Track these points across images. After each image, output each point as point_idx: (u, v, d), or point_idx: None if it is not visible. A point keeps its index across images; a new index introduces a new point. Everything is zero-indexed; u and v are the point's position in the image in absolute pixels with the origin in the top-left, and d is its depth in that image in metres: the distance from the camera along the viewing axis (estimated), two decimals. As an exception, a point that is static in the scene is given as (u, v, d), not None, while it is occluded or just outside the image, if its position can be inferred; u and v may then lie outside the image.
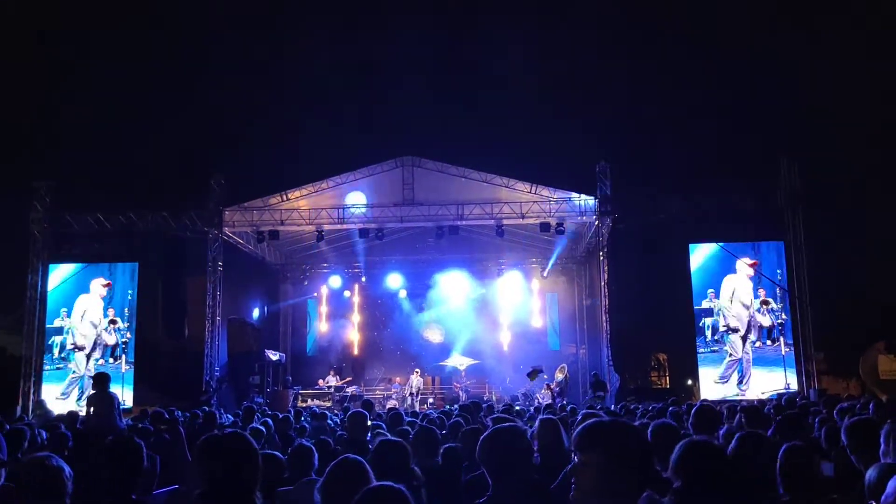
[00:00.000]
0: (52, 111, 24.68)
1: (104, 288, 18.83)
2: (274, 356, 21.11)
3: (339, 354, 24.04)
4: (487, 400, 18.01)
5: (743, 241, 18.45)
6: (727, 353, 17.90)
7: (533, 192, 18.78)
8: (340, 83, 28.95)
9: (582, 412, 6.20)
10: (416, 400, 20.10)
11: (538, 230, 19.22)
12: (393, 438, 4.46)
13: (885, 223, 21.18)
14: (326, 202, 19.19)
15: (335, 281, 24.16)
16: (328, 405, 18.52)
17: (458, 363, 22.70)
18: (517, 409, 11.97)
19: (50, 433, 7.65)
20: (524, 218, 18.74)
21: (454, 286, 23.66)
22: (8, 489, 3.50)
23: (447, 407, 15.33)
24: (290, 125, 26.73)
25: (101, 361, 18.44)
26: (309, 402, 19.22)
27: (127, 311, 18.90)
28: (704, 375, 18.02)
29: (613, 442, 2.24)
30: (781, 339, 17.76)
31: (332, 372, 21.87)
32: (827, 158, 21.71)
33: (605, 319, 18.45)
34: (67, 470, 2.95)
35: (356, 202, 19.10)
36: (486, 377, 22.72)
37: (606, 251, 18.57)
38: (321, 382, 21.56)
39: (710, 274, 18.38)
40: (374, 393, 21.18)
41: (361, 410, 6.77)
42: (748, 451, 3.72)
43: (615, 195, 18.40)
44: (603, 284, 18.59)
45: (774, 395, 16.79)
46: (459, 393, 20.63)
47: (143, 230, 18.86)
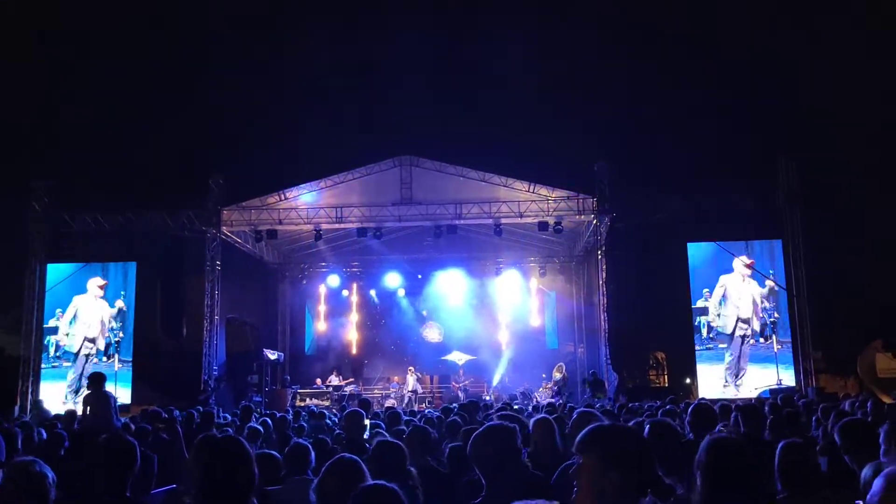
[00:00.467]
0: (50, 111, 24.64)
1: (100, 289, 18.82)
2: (272, 355, 21.10)
3: (337, 354, 24.03)
4: (486, 399, 18.04)
5: (741, 240, 18.49)
6: (725, 351, 17.94)
7: (531, 191, 18.78)
8: (339, 83, 28.89)
9: (578, 410, 6.20)
10: (413, 399, 20.12)
11: (536, 229, 19.24)
12: (390, 439, 4.45)
13: (883, 222, 21.17)
14: (325, 201, 19.19)
15: (333, 280, 24.16)
16: (326, 404, 18.53)
17: (456, 359, 22.73)
18: (516, 407, 11.97)
19: (48, 433, 7.66)
20: (522, 217, 18.75)
21: (452, 285, 23.68)
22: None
23: (449, 405, 15.32)
24: (288, 125, 26.69)
25: (94, 360, 18.42)
26: (307, 401, 19.21)
27: (118, 307, 18.89)
28: (702, 374, 18.06)
29: (612, 444, 2.25)
30: (774, 336, 17.84)
31: (334, 372, 21.87)
32: (825, 158, 21.70)
33: (603, 318, 18.47)
34: (51, 476, 2.90)
35: (354, 202, 19.10)
36: (484, 376, 22.75)
37: (605, 250, 18.59)
38: (319, 382, 21.57)
39: (706, 273, 18.41)
40: (372, 392, 21.19)
41: (358, 410, 6.76)
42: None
43: (613, 194, 18.40)
44: (601, 283, 18.60)
45: (766, 391, 16.91)
46: (458, 392, 20.64)
47: (141, 230, 18.87)
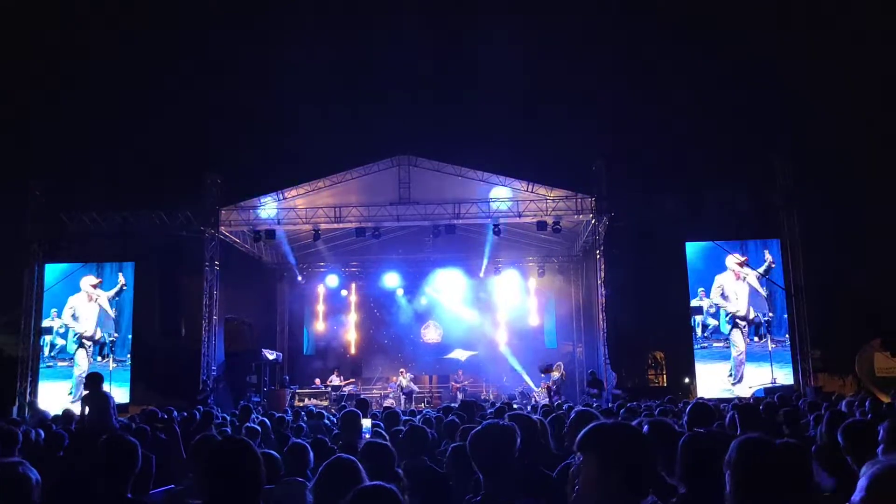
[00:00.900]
0: (47, 110, 24.63)
1: (93, 288, 18.79)
2: (271, 355, 21.07)
3: (336, 354, 24.02)
4: (485, 399, 18.05)
5: (739, 239, 18.50)
6: (723, 349, 17.97)
7: (529, 190, 18.78)
8: (337, 82, 28.95)
9: (576, 410, 6.20)
10: (407, 399, 20.13)
11: (535, 229, 19.24)
12: (378, 441, 4.45)
13: (880, 221, 21.23)
14: (323, 201, 19.18)
15: (332, 280, 24.14)
16: (325, 404, 18.52)
17: (459, 356, 22.76)
18: (515, 406, 11.97)
19: (46, 433, 7.66)
20: (521, 217, 18.75)
21: (451, 285, 23.67)
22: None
23: (449, 405, 15.31)
24: (286, 124, 26.71)
25: (90, 360, 18.41)
26: (306, 401, 19.20)
27: (115, 309, 18.89)
28: (701, 374, 18.07)
29: (613, 443, 2.24)
30: (769, 335, 17.87)
31: (335, 372, 21.86)
32: (823, 157, 21.76)
33: (601, 318, 18.45)
34: (35, 478, 2.84)
35: (352, 201, 19.09)
36: (482, 376, 22.75)
37: (603, 250, 18.58)
38: (318, 382, 21.56)
39: (704, 272, 18.43)
40: (371, 392, 21.18)
41: (354, 410, 6.75)
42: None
43: (612, 194, 18.40)
44: (600, 283, 18.59)
45: (761, 389, 16.97)
46: (457, 393, 20.63)
47: (139, 230, 18.83)
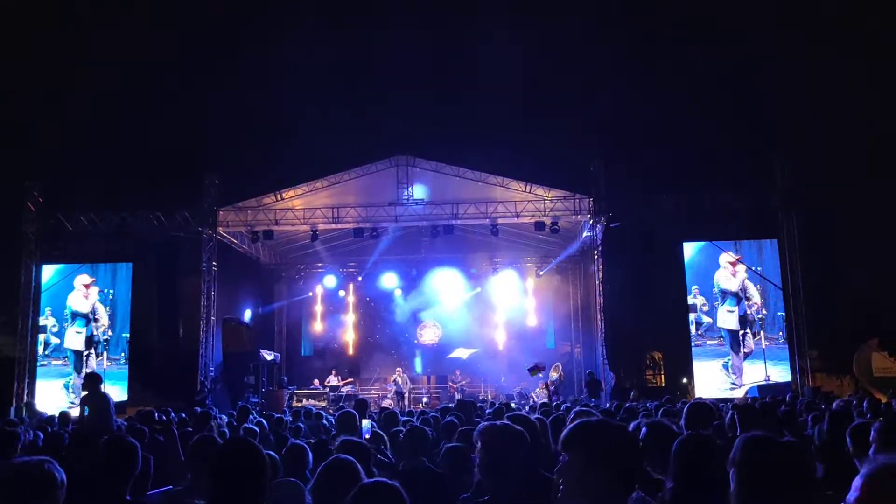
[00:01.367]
0: (45, 111, 24.59)
1: (86, 287, 18.77)
2: (269, 356, 21.07)
3: (334, 354, 24.02)
4: (483, 399, 18.04)
5: (737, 239, 18.56)
6: (718, 347, 18.06)
7: (528, 191, 18.79)
8: (335, 82, 28.89)
9: (575, 410, 6.20)
10: (403, 399, 20.17)
11: (533, 229, 19.25)
12: (353, 438, 4.47)
13: (878, 221, 21.26)
14: (321, 202, 19.17)
15: (330, 280, 24.13)
16: (323, 405, 18.51)
17: (460, 355, 22.79)
18: (514, 407, 11.97)
19: (45, 434, 7.65)
20: (519, 217, 18.76)
21: (449, 285, 23.67)
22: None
23: (448, 405, 15.32)
24: (284, 125, 26.65)
25: (86, 360, 18.44)
26: (304, 401, 19.20)
27: (108, 308, 18.89)
28: (699, 373, 18.12)
29: (597, 441, 2.22)
30: (762, 333, 17.97)
31: (333, 372, 21.85)
32: (820, 157, 21.78)
33: (599, 318, 18.47)
34: (60, 478, 2.76)
35: (350, 202, 19.09)
36: (480, 376, 22.75)
37: (601, 250, 18.59)
38: (316, 382, 21.55)
39: (702, 272, 18.48)
40: (369, 392, 21.18)
41: (351, 411, 6.74)
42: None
43: (610, 194, 18.43)
44: (598, 283, 18.61)
45: (754, 387, 17.05)
46: (455, 393, 20.64)
47: (136, 230, 18.81)
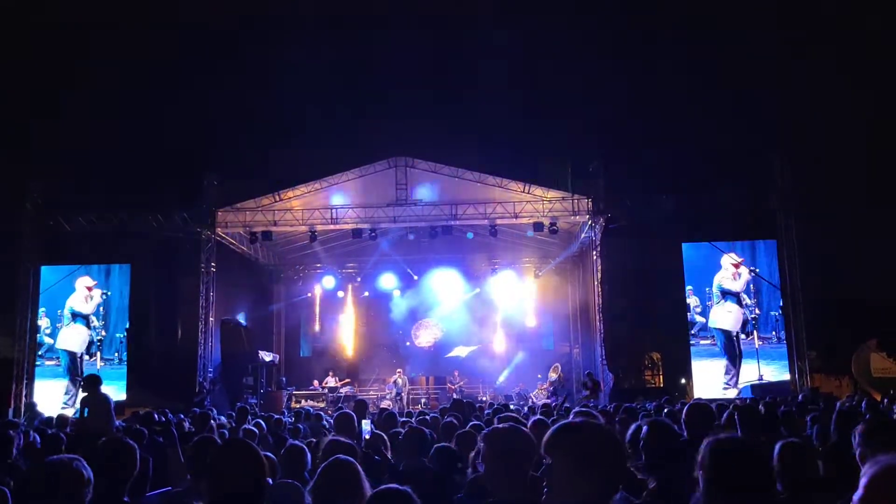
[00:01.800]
0: (43, 112, 24.56)
1: (88, 289, 18.77)
2: (267, 357, 21.05)
3: (333, 355, 23.99)
4: (482, 400, 18.05)
5: (736, 239, 18.58)
6: (713, 346, 18.10)
7: (526, 191, 18.79)
8: (334, 83, 28.90)
9: (575, 411, 6.20)
10: (403, 400, 20.16)
11: (532, 230, 19.24)
12: (340, 438, 4.47)
13: (877, 222, 21.29)
14: (319, 202, 19.17)
15: (329, 281, 24.11)
16: (322, 406, 18.50)
17: (460, 353, 22.78)
18: (512, 408, 11.98)
19: (43, 436, 7.63)
20: (517, 218, 18.76)
21: (448, 286, 23.66)
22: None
23: (447, 406, 15.32)
24: (283, 125, 26.67)
25: (86, 360, 18.47)
26: (302, 402, 19.19)
27: (102, 309, 18.87)
28: (696, 373, 18.14)
29: (580, 443, 2.21)
30: (755, 332, 18.01)
31: (330, 373, 21.82)
32: (819, 158, 21.81)
33: (598, 319, 18.46)
34: (88, 476, 2.81)
35: (349, 203, 19.10)
36: (479, 376, 22.74)
37: (600, 250, 18.59)
38: (315, 383, 21.54)
39: (700, 273, 18.49)
40: (368, 393, 21.16)
41: (348, 412, 6.74)
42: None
43: (608, 195, 18.43)
44: (596, 284, 18.60)
45: (748, 386, 17.12)
46: (453, 394, 20.62)
47: (135, 231, 18.81)
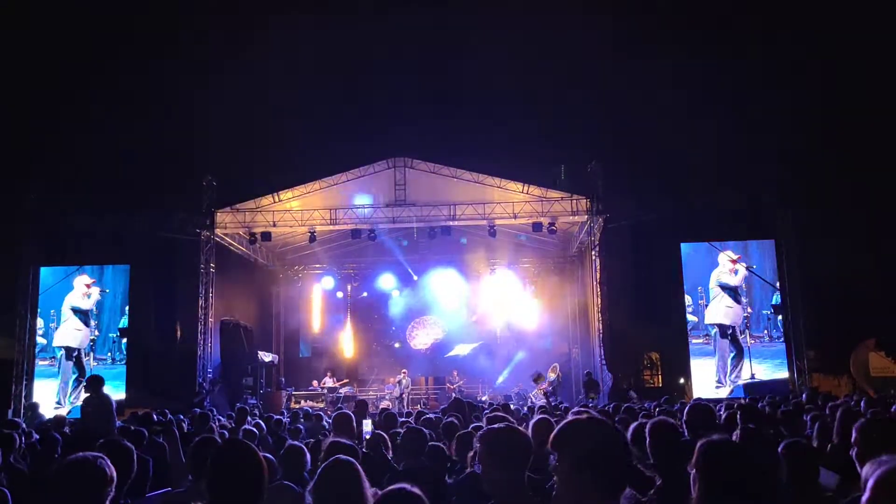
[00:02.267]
0: (43, 112, 24.52)
1: (87, 287, 18.76)
2: (267, 358, 21.05)
3: (332, 355, 23.99)
4: (481, 400, 18.04)
5: (734, 239, 18.60)
6: (707, 345, 18.13)
7: (525, 192, 18.80)
8: (333, 83, 28.86)
9: (573, 411, 6.20)
10: (405, 400, 20.18)
11: (531, 230, 19.25)
12: (341, 440, 4.49)
13: (875, 222, 21.27)
14: (318, 203, 19.17)
15: (328, 282, 24.11)
16: (321, 406, 18.49)
17: (460, 351, 22.77)
18: (512, 408, 11.99)
19: (41, 437, 7.63)
20: (516, 218, 18.77)
21: (447, 286, 23.67)
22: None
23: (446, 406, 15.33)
24: (282, 126, 26.63)
25: (85, 359, 18.52)
26: (302, 403, 19.18)
27: (96, 310, 18.87)
28: (695, 373, 18.17)
29: (585, 440, 2.23)
30: (748, 331, 18.07)
31: (328, 374, 21.82)
32: (818, 158, 21.78)
33: (597, 319, 18.47)
34: (110, 474, 2.79)
35: (348, 203, 19.10)
36: (478, 377, 22.75)
37: (598, 251, 18.60)
38: (315, 384, 21.52)
39: (699, 273, 18.51)
40: (367, 394, 21.17)
41: (347, 412, 6.73)
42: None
43: (607, 195, 18.44)
44: (595, 284, 18.61)
45: (740, 386, 17.20)
46: (452, 394, 20.62)
47: (134, 232, 18.81)
